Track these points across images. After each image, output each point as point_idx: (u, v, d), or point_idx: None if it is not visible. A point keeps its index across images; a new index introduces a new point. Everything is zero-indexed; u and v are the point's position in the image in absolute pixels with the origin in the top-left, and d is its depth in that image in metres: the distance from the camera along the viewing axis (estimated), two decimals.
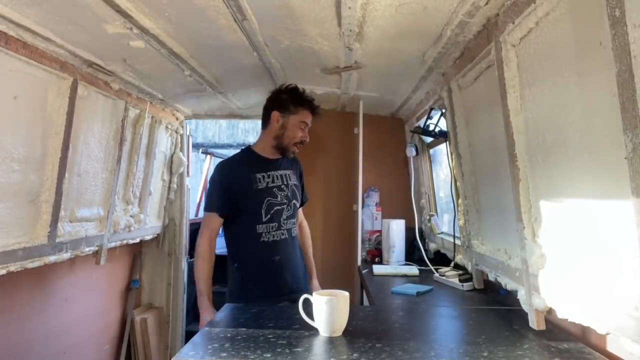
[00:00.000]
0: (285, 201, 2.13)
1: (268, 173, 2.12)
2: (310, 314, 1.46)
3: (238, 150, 2.33)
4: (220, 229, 2.20)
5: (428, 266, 2.65)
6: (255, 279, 2.08)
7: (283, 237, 2.12)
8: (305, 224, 2.45)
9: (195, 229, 4.50)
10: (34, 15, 1.59)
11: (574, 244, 1.28)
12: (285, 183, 2.15)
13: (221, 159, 7.57)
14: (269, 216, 2.08)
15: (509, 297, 1.86)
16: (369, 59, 2.12)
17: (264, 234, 2.07)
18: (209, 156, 6.69)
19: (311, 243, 2.46)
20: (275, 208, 2.09)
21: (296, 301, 1.57)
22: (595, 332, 1.21)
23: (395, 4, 1.51)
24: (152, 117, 3.01)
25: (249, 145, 2.23)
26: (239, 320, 1.62)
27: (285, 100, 2.10)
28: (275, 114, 2.10)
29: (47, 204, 2.10)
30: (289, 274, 2.13)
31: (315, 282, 2.38)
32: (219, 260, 4.81)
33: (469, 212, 2.19)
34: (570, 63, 1.18)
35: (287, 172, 2.19)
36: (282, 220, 2.11)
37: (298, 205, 2.23)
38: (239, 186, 2.06)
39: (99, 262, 2.65)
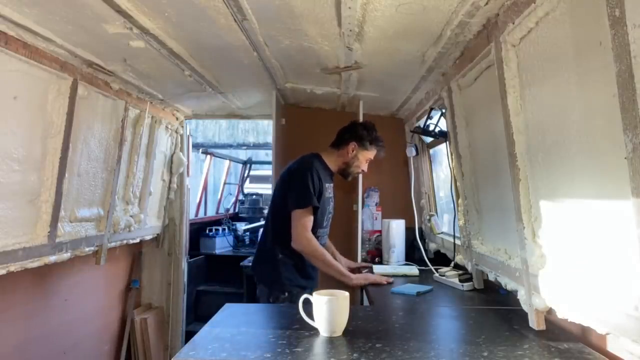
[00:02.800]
0: (332, 211, 2.47)
1: (329, 184, 2.42)
2: (310, 314, 1.46)
3: (238, 150, 2.40)
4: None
5: (428, 266, 2.65)
6: (302, 270, 2.31)
7: (325, 242, 2.46)
8: None
9: (195, 229, 4.54)
10: (34, 15, 1.59)
11: (574, 244, 1.28)
12: (334, 195, 2.47)
13: (221, 159, 7.53)
14: (326, 222, 2.41)
15: (509, 297, 1.86)
16: (369, 59, 2.13)
17: (319, 238, 2.34)
18: (209, 156, 6.69)
19: None
20: (329, 216, 2.43)
21: None
22: (595, 332, 1.21)
23: (395, 4, 1.51)
24: (152, 117, 3.01)
25: (319, 154, 2.43)
26: (239, 320, 1.62)
27: (365, 136, 2.39)
28: (353, 144, 2.38)
29: (47, 204, 2.10)
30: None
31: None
32: (222, 260, 4.80)
33: (469, 212, 2.19)
34: (570, 63, 1.18)
35: (333, 187, 2.49)
36: (328, 225, 2.46)
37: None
38: (320, 188, 2.28)
39: (99, 262, 2.65)
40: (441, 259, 2.80)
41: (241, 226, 5.24)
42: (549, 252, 1.41)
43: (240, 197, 6.76)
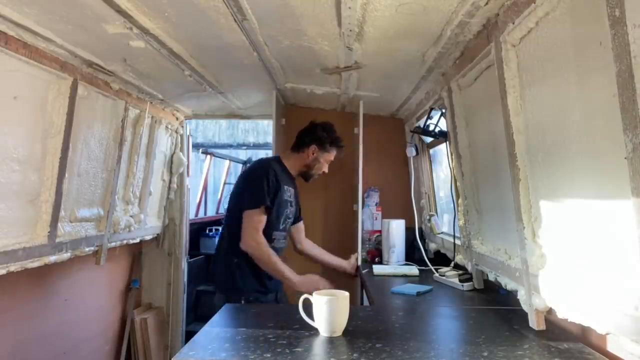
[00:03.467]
0: (292, 217, 2.41)
1: (289, 187, 2.37)
2: (310, 314, 1.46)
3: (238, 150, 2.41)
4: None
5: (428, 266, 2.65)
6: (260, 274, 2.23)
7: (284, 246, 2.40)
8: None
9: (195, 229, 4.54)
10: (34, 15, 1.59)
11: (574, 244, 1.28)
12: (294, 201, 2.43)
13: (221, 159, 7.52)
14: (283, 225, 2.33)
15: (509, 297, 1.86)
16: (369, 59, 2.12)
17: (275, 240, 2.28)
18: (209, 156, 6.69)
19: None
20: (287, 220, 2.36)
21: (281, 299, 2.29)
22: (595, 332, 1.21)
23: (395, 4, 1.51)
24: (152, 117, 3.01)
25: (280, 157, 2.44)
26: (239, 320, 1.62)
27: (324, 138, 2.38)
28: (313, 148, 2.37)
29: (47, 204, 2.10)
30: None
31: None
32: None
33: (469, 212, 2.19)
34: (570, 63, 1.18)
35: (295, 192, 2.45)
36: (287, 231, 2.39)
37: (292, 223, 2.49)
38: (277, 189, 2.24)
39: (99, 262, 2.65)
40: (441, 259, 2.80)
41: None
42: (549, 252, 1.40)
43: None
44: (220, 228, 4.74)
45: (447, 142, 2.40)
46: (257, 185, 2.19)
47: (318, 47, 2.00)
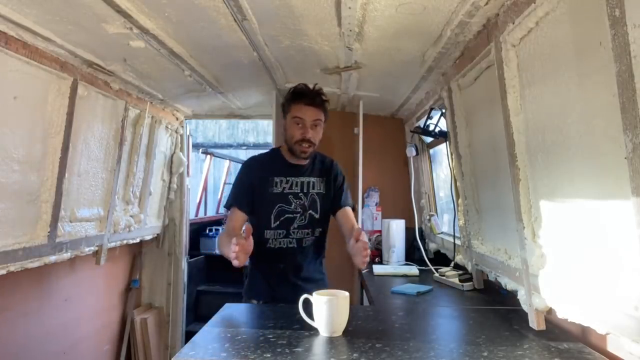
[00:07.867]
0: (300, 210, 2.01)
1: (288, 178, 2.01)
2: (310, 314, 1.46)
3: (238, 150, 2.37)
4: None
5: (428, 266, 2.65)
6: (267, 279, 2.05)
7: (290, 245, 2.01)
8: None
9: (195, 229, 4.53)
10: (34, 15, 1.59)
11: (574, 244, 1.28)
12: (305, 191, 2.03)
13: (221, 159, 7.52)
14: (278, 222, 1.99)
15: (509, 297, 1.86)
16: (369, 59, 2.13)
17: (270, 240, 2.00)
18: (209, 156, 6.69)
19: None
20: (286, 215, 1.99)
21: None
22: (595, 332, 1.21)
23: (395, 4, 1.51)
24: (152, 117, 3.01)
25: (279, 147, 2.12)
26: (239, 320, 1.62)
27: (283, 103, 2.02)
28: (284, 120, 2.02)
29: (47, 204, 2.10)
30: (298, 280, 2.03)
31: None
32: (222, 260, 4.80)
33: (469, 212, 2.19)
34: (570, 63, 1.18)
35: (312, 179, 2.05)
36: (291, 228, 2.00)
37: (316, 216, 2.05)
38: (256, 186, 1.98)
39: (99, 262, 2.65)
40: (441, 259, 2.80)
41: None
42: (549, 252, 1.41)
43: None
44: (220, 228, 4.77)
45: (447, 142, 2.40)
46: (233, 184, 2.08)
47: (318, 47, 2.00)
